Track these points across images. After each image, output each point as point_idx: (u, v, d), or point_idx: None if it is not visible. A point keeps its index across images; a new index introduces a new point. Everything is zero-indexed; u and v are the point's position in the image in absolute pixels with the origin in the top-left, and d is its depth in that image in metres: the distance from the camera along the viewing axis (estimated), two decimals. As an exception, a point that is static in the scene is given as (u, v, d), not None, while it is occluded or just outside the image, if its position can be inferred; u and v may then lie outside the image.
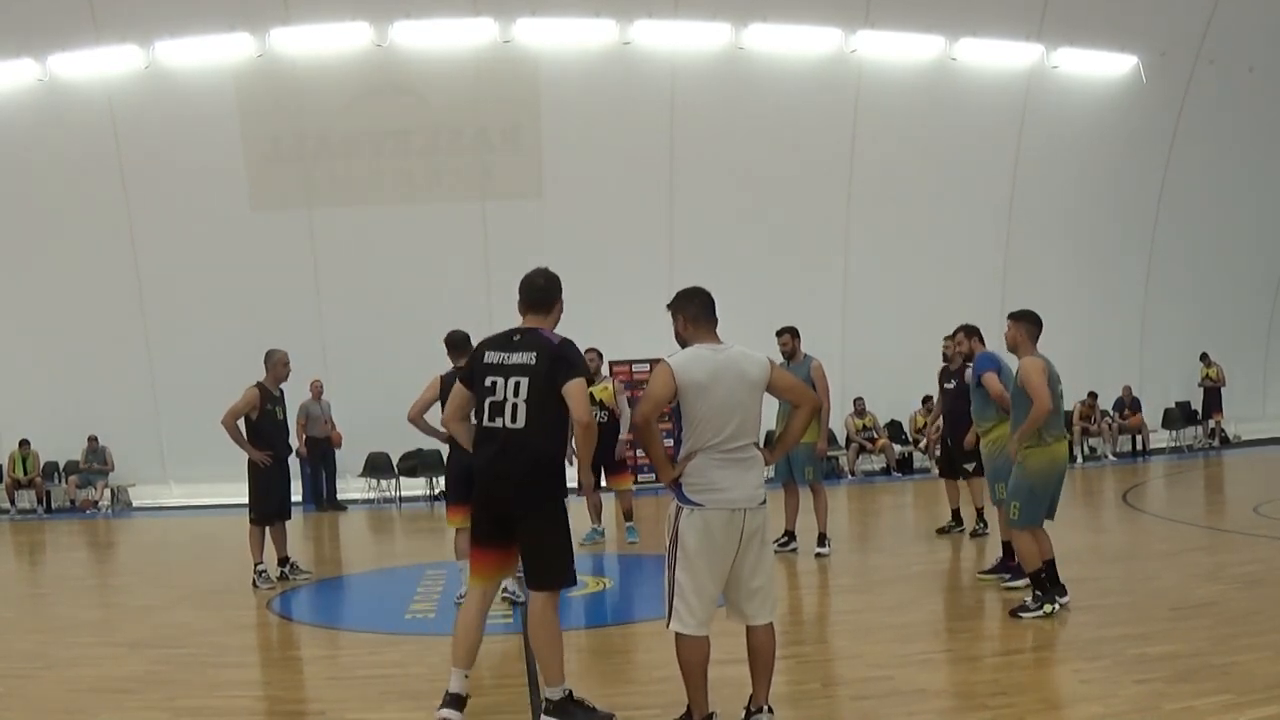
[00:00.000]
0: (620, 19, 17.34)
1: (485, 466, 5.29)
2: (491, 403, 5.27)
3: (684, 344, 5.13)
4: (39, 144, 17.04)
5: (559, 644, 5.19)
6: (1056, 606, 7.16)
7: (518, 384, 5.21)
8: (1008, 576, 8.36)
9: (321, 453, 16.70)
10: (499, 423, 5.24)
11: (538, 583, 5.25)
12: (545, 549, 5.24)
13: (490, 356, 5.33)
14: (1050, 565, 7.33)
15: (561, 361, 5.22)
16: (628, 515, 11.44)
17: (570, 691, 5.21)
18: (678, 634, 4.88)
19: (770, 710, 5.00)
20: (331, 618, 8.87)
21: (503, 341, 5.37)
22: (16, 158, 16.99)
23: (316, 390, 16.51)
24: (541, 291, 5.44)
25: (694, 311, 5.11)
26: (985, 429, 8.81)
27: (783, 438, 5.47)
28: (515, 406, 5.20)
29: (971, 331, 10.54)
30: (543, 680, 5.22)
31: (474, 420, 5.42)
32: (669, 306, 5.24)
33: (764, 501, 4.98)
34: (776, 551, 9.58)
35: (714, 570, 4.87)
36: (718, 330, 5.13)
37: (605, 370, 12.06)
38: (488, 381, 5.28)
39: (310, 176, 17.66)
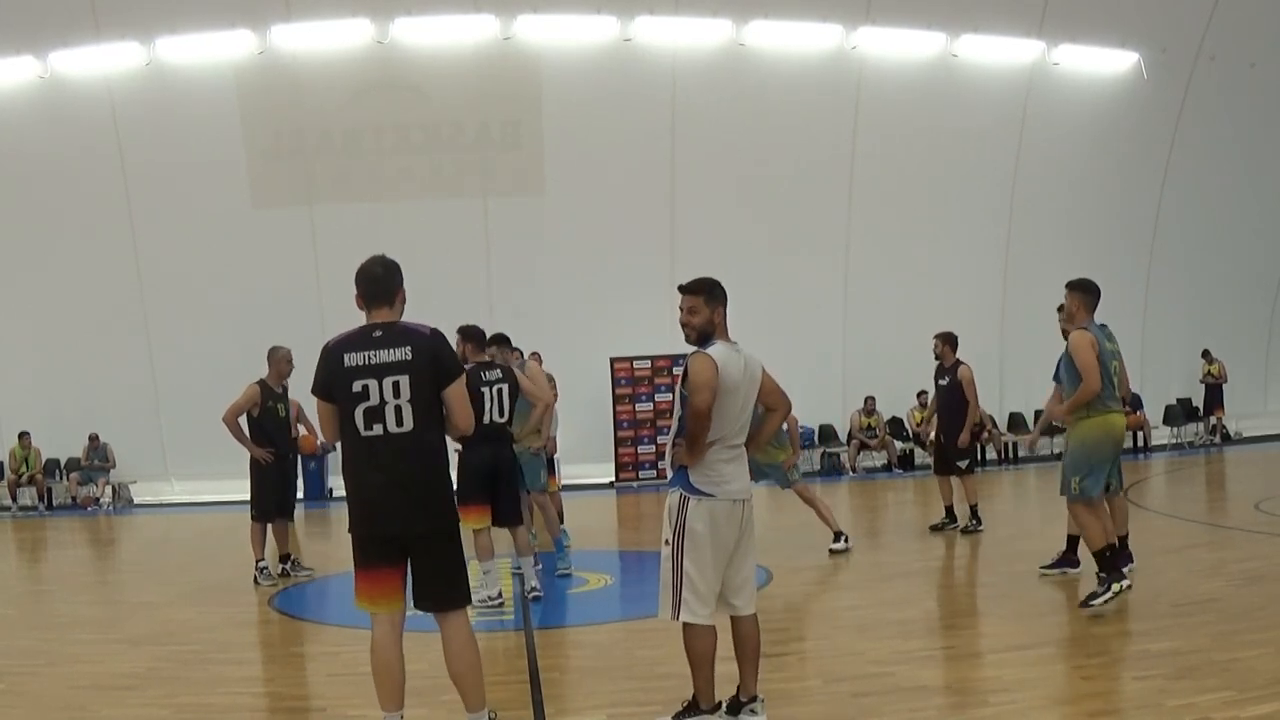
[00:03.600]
0: (621, 15, 17.33)
1: (374, 483, 4.70)
2: (367, 409, 4.67)
3: (704, 335, 5.05)
4: (40, 141, 17.04)
5: (481, 665, 4.90)
6: (1125, 584, 7.01)
7: (396, 383, 4.67)
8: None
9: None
10: (378, 429, 4.68)
11: (446, 604, 4.80)
12: (448, 566, 4.82)
13: (351, 359, 4.72)
14: (1119, 539, 7.19)
15: (442, 358, 4.80)
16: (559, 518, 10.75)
17: (494, 714, 5.01)
18: (687, 624, 4.91)
19: (761, 699, 5.11)
20: (333, 614, 8.86)
21: (361, 340, 4.78)
22: (18, 155, 16.99)
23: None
24: (381, 281, 4.90)
25: (724, 310, 5.12)
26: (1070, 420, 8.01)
27: (755, 437, 5.43)
28: (398, 409, 4.66)
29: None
30: (468, 705, 4.84)
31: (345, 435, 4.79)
32: (704, 293, 5.04)
33: (751, 493, 5.17)
34: None
35: (719, 560, 4.94)
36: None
37: (537, 369, 11.43)
38: (356, 386, 4.68)
39: (311, 173, 17.65)
